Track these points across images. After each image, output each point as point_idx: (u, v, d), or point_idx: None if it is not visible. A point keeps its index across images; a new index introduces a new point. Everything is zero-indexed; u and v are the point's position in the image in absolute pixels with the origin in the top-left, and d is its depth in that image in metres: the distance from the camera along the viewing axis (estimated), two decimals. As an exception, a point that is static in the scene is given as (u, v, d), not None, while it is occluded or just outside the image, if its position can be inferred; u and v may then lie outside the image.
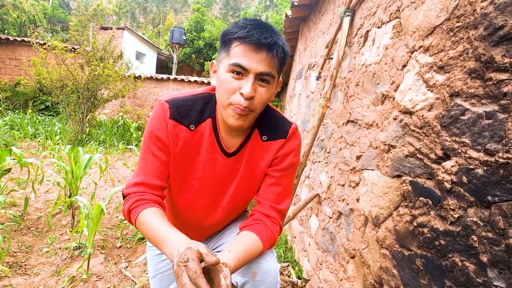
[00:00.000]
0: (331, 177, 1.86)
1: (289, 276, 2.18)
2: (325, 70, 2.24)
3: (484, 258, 0.72)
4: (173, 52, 13.79)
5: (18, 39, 9.70)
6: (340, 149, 1.75)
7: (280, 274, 2.23)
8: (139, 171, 0.90)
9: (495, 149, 0.72)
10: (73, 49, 7.11)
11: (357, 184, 1.47)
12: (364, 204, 1.36)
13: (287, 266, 2.35)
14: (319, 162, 2.14)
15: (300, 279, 2.14)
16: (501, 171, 0.70)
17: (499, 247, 0.69)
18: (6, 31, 13.14)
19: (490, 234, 0.72)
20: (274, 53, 0.77)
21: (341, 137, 1.75)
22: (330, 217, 1.80)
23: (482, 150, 0.76)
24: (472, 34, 0.85)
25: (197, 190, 0.95)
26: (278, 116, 0.97)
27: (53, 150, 4.89)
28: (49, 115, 9.19)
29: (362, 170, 1.43)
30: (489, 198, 0.73)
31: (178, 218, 1.04)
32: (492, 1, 0.78)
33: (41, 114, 9.12)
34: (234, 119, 0.81)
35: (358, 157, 1.48)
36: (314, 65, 2.63)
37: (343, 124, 1.74)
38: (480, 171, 0.76)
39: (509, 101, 0.71)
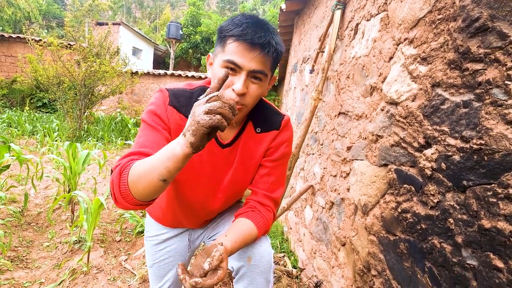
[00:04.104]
0: (324, 168, 1.90)
1: (284, 266, 2.24)
2: (318, 63, 2.26)
3: (459, 239, 0.77)
4: (170, 47, 13.73)
5: (14, 36, 9.64)
6: (332, 140, 1.78)
7: (276, 264, 2.28)
8: (136, 145, 0.84)
9: (470, 136, 0.76)
10: (68, 45, 7.08)
11: (348, 174, 1.51)
12: (354, 193, 1.41)
13: (283, 256, 2.40)
14: (313, 154, 2.18)
15: (296, 268, 2.20)
16: (475, 157, 0.74)
17: (473, 228, 0.73)
18: (1, 28, 13.05)
19: (465, 217, 0.76)
20: (266, 53, 0.80)
21: (333, 129, 1.78)
22: (323, 207, 1.84)
23: (459, 138, 0.80)
24: (452, 26, 0.88)
25: (193, 180, 0.98)
26: (270, 108, 1.01)
27: (51, 147, 4.91)
28: (46, 112, 9.18)
29: (353, 160, 1.47)
30: (465, 182, 0.77)
31: (176, 208, 1.07)
32: (469, -6, 0.82)
33: (38, 111, 9.11)
34: None
35: (349, 148, 1.52)
36: (308, 58, 2.65)
37: (335, 116, 1.77)
38: (457, 157, 0.80)
39: (483, 90, 0.75)
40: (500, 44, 0.70)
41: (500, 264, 0.66)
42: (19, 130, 6.21)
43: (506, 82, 0.68)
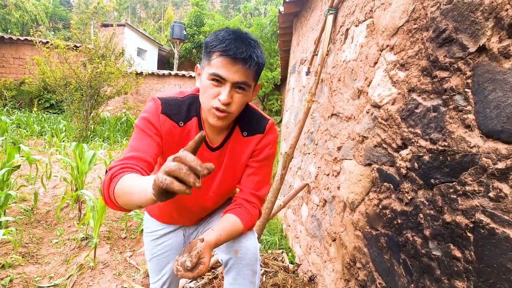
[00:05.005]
0: (318, 167, 1.97)
1: (282, 262, 2.32)
2: (314, 66, 2.33)
3: (427, 232, 0.84)
4: (174, 48, 13.86)
5: (21, 38, 9.85)
6: (326, 141, 1.85)
7: (274, 260, 2.37)
8: (129, 148, 0.91)
9: (437, 138, 0.83)
10: (75, 47, 7.24)
11: (338, 173, 1.58)
12: (343, 191, 1.48)
13: (281, 253, 2.48)
14: (309, 154, 2.25)
15: (293, 264, 2.28)
16: (441, 157, 0.81)
17: (438, 222, 0.80)
18: (9, 30, 13.33)
19: (432, 212, 0.83)
20: (248, 66, 0.88)
21: (327, 129, 1.86)
22: (317, 205, 1.92)
23: (428, 139, 0.87)
24: (425, 36, 0.95)
25: None
26: (256, 113, 1.09)
27: (59, 147, 5.05)
28: (54, 113, 9.38)
29: (342, 160, 1.54)
30: (432, 180, 0.84)
31: (172, 207, 1.16)
32: (439, 7, 0.88)
33: (46, 112, 9.31)
34: (214, 120, 0.93)
35: (339, 148, 1.59)
36: (305, 60, 2.72)
37: (328, 117, 1.84)
38: (427, 157, 0.87)
39: (448, 96, 0.81)
40: (461, 55, 0.77)
41: (458, 253, 0.73)
42: (27, 131, 6.38)
43: (466, 89, 0.75)
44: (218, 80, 0.89)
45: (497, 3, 0.67)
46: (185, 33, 13.44)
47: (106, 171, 0.85)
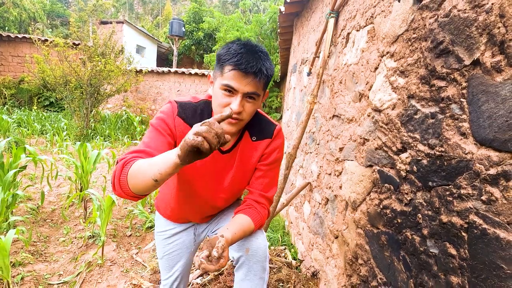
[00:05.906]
0: (320, 166, 2.03)
1: (285, 258, 2.39)
2: (315, 67, 2.38)
3: (425, 231, 0.90)
4: (173, 44, 13.84)
5: (20, 36, 9.81)
6: (327, 141, 1.91)
7: (277, 256, 2.44)
8: (141, 144, 0.96)
9: (435, 143, 0.89)
10: (74, 45, 7.23)
11: (340, 173, 1.64)
12: (345, 190, 1.54)
13: (284, 249, 2.55)
14: (311, 153, 2.31)
15: (295, 260, 2.34)
16: (438, 162, 0.87)
17: (435, 222, 0.86)
18: (7, 28, 13.27)
19: (430, 212, 0.89)
20: (258, 79, 0.95)
21: (328, 130, 1.91)
22: (319, 203, 1.98)
23: (426, 144, 0.93)
24: (423, 46, 1.00)
25: (200, 181, 1.13)
26: (264, 119, 1.15)
27: (61, 146, 5.09)
28: (54, 111, 9.39)
29: (344, 160, 1.60)
30: (430, 183, 0.90)
31: (184, 204, 1.22)
32: (437, 19, 0.94)
33: (46, 110, 9.32)
34: (226, 126, 0.99)
35: (341, 149, 1.65)
36: (306, 60, 2.76)
37: (330, 118, 1.90)
38: (425, 161, 0.93)
39: (445, 104, 0.87)
40: (457, 66, 0.83)
41: (453, 251, 0.79)
42: (28, 130, 6.41)
43: (461, 99, 0.81)
44: (230, 90, 0.95)
45: (490, 20, 0.72)
46: (184, 30, 13.40)
47: (117, 162, 0.88)
